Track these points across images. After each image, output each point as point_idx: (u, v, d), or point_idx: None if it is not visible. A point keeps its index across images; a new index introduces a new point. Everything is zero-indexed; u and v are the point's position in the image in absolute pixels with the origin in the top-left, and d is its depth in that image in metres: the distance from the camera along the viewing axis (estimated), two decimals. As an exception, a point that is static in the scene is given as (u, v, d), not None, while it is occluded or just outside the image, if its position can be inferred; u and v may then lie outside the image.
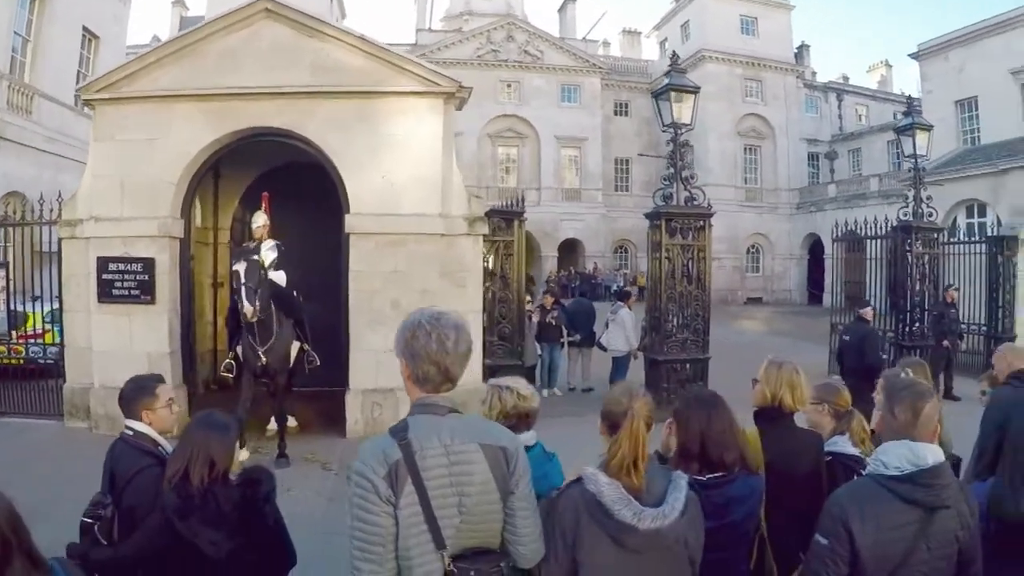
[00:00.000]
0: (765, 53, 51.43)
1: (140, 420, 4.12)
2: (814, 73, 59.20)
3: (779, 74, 52.35)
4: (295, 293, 10.90)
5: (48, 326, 13.03)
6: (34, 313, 13.23)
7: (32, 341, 13.08)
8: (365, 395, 11.33)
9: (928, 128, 16.69)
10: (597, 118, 53.00)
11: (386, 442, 2.66)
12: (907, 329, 15.70)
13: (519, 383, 3.90)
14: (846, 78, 62.99)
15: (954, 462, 5.74)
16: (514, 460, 2.74)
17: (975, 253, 17.82)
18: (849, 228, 17.22)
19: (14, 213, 13.04)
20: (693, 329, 13.18)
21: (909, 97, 17.21)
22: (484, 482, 2.65)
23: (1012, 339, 16.93)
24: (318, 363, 10.97)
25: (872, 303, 12.77)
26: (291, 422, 11.24)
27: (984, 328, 17.88)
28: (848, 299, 17.61)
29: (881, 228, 16.16)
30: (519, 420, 3.76)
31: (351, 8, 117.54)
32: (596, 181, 52.93)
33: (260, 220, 10.99)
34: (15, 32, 21.20)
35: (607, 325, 15.18)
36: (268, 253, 10.57)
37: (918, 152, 16.27)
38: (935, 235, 16.29)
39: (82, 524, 3.77)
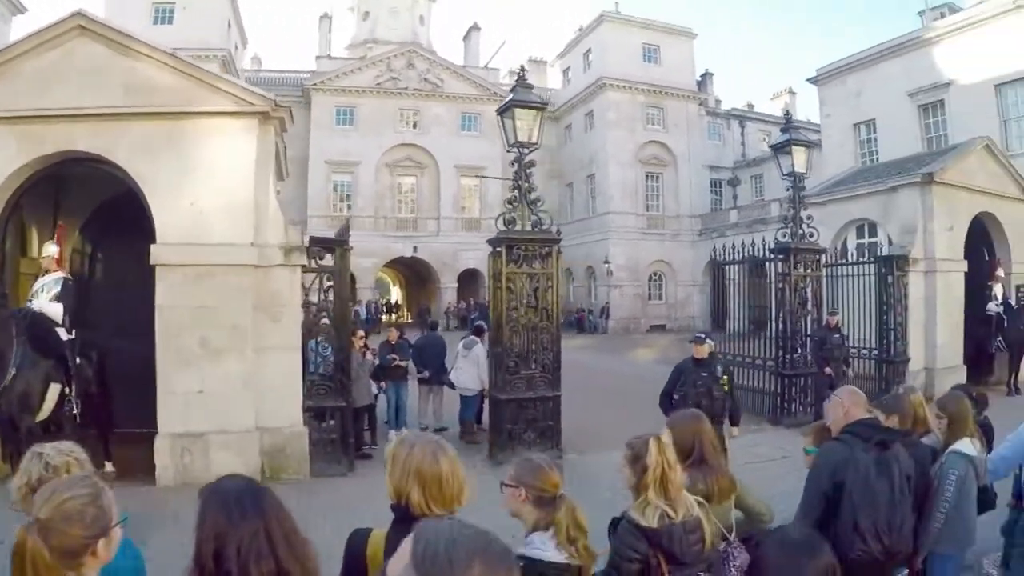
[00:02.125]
0: (667, 81, 51.53)
1: None
2: (718, 101, 59.61)
3: (681, 101, 52.46)
4: (70, 331, 10.12)
5: None
6: None
7: None
8: (174, 440, 10.30)
9: (806, 145, 16.04)
10: (498, 147, 51.93)
11: None
12: (788, 357, 15.01)
13: (54, 448, 3.05)
14: (751, 105, 63.62)
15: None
16: None
17: (865, 274, 17.16)
18: (726, 252, 16.54)
19: None
20: (541, 364, 12.00)
21: (787, 114, 16.53)
22: None
23: (905, 362, 16.71)
24: (76, 411, 10.08)
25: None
26: (107, 467, 10.39)
27: (876, 352, 17.06)
28: (752, 324, 17.17)
29: (758, 251, 15.50)
30: None
31: (252, 35, 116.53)
32: (497, 210, 51.45)
33: (48, 251, 10.46)
34: None
35: (456, 360, 14.15)
36: (52, 286, 10.14)
37: (797, 170, 15.54)
38: (817, 256, 15.68)
39: None
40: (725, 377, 9.20)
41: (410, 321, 46.60)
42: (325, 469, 10.74)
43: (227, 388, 10.46)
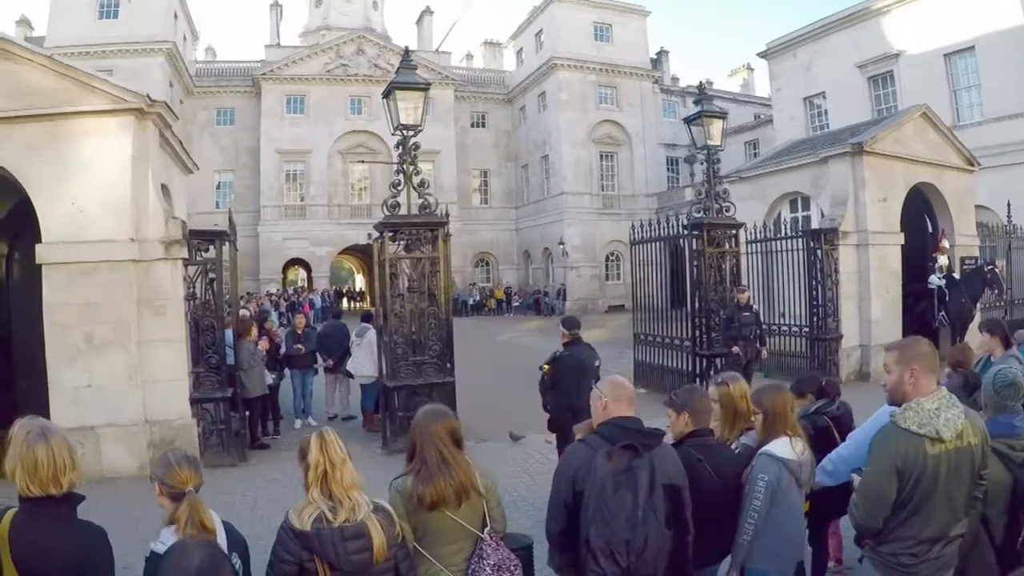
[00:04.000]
0: (620, 59, 51.33)
1: None
2: (675, 78, 59.30)
3: (634, 80, 52.27)
4: None
5: None
6: None
7: None
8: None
9: (721, 116, 15.84)
10: (451, 130, 51.98)
11: None
12: (704, 337, 14.75)
13: None
14: (710, 83, 63.14)
15: None
16: None
17: (795, 249, 16.78)
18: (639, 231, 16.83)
19: None
20: (430, 350, 11.78)
21: (700, 85, 16.40)
22: None
23: (837, 339, 16.36)
24: None
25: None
26: None
27: (806, 330, 16.74)
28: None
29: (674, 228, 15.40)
30: None
31: (208, 26, 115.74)
32: (451, 195, 51.09)
33: None
34: None
35: (350, 349, 14.11)
36: None
37: (711, 142, 15.31)
38: (734, 232, 15.36)
39: None
40: (546, 367, 8.63)
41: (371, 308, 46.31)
42: (215, 460, 10.76)
43: (114, 382, 10.55)
